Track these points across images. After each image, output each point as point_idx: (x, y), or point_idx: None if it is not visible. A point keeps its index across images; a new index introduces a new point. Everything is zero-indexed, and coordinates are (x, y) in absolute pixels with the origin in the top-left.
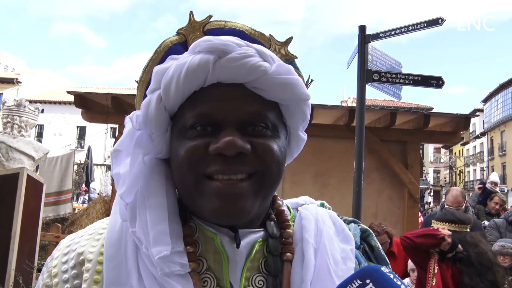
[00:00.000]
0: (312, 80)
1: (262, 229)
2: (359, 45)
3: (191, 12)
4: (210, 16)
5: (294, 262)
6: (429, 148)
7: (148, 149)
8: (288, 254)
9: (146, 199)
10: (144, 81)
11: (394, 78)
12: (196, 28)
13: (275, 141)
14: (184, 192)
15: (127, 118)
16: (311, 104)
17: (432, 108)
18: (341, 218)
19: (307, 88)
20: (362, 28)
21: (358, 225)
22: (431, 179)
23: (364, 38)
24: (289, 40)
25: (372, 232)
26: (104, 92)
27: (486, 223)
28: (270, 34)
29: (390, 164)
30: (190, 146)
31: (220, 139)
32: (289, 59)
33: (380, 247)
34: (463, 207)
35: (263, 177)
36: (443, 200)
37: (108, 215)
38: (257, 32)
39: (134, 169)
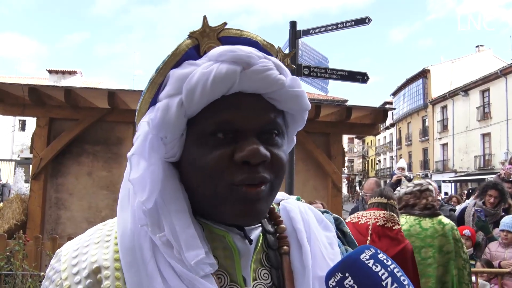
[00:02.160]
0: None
1: (260, 225)
2: (290, 40)
3: (204, 17)
4: (225, 23)
5: (292, 252)
6: (344, 139)
7: (161, 153)
8: (285, 247)
9: (167, 203)
10: (156, 83)
11: (323, 73)
12: (211, 34)
13: (282, 149)
14: (204, 197)
15: (143, 122)
16: None
17: (347, 100)
18: None
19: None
20: (293, 24)
21: (330, 215)
22: (346, 169)
23: (295, 33)
24: (292, 53)
25: (342, 219)
26: (20, 82)
27: None
28: (278, 46)
29: (315, 155)
30: (216, 155)
31: (244, 147)
32: (289, 68)
33: (350, 232)
34: None
35: (273, 184)
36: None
37: (26, 215)
38: (268, 43)
39: (152, 174)
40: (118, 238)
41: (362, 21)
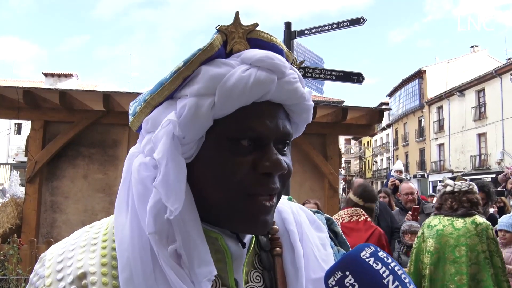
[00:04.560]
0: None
1: None
2: (285, 41)
3: (237, 13)
4: (257, 25)
5: (284, 254)
6: (340, 140)
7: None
8: (278, 249)
9: (182, 212)
10: (182, 76)
11: (318, 74)
12: (241, 32)
13: (289, 159)
14: (214, 203)
15: (167, 120)
16: None
17: (343, 102)
18: None
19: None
20: (288, 25)
21: (322, 215)
22: (342, 169)
23: (290, 34)
24: (302, 62)
25: (334, 220)
26: (15, 85)
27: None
28: (294, 56)
29: (311, 156)
30: (237, 162)
31: (269, 158)
32: None
33: (342, 232)
34: None
35: (280, 194)
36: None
37: (21, 219)
38: (288, 52)
39: (180, 179)
40: (116, 249)
41: (356, 22)
